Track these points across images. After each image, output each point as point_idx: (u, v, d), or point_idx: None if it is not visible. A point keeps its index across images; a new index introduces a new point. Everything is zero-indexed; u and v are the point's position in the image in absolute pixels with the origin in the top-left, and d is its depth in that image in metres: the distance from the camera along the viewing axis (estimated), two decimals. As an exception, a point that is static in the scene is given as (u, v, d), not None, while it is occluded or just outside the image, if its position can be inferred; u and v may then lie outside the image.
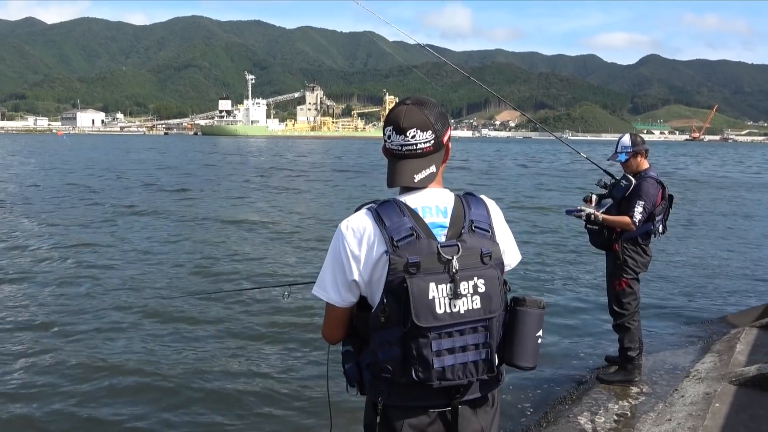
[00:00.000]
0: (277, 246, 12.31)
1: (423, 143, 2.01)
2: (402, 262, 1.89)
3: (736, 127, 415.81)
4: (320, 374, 5.84)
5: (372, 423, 2.06)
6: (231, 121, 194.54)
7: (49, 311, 7.71)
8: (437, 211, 2.01)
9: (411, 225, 1.94)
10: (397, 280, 1.89)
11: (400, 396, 1.99)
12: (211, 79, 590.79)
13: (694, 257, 11.83)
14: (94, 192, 21.82)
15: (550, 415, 4.92)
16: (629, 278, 5.29)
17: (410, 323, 1.87)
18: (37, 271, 9.79)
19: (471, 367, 1.96)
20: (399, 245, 1.90)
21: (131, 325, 7.23)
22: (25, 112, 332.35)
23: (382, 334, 1.95)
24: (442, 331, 1.90)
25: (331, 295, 2.04)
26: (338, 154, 62.96)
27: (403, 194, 2.06)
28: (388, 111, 2.08)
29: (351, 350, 2.13)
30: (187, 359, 6.24)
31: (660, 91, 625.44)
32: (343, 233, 2.00)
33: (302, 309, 7.83)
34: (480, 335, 1.96)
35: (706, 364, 5.70)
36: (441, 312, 1.89)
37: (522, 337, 2.05)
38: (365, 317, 2.01)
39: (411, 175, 2.02)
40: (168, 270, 9.95)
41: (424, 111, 2.02)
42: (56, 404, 5.24)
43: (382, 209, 1.98)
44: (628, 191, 5.15)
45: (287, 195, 22.84)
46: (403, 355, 1.92)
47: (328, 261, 2.05)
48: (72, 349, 6.43)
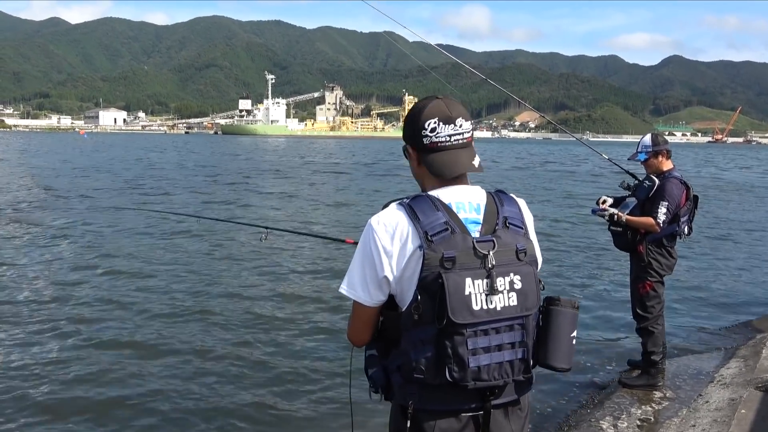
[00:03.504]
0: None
1: (467, 132, 2.01)
2: (437, 257, 1.85)
3: (761, 129, 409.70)
4: (333, 376, 5.83)
5: (401, 428, 1.99)
6: (251, 120, 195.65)
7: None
8: (470, 207, 1.98)
9: (445, 219, 1.90)
10: (432, 276, 1.85)
11: (432, 399, 1.93)
12: (231, 79, 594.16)
13: (719, 261, 11.67)
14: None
15: (571, 419, 4.86)
16: (653, 281, 5.21)
17: (446, 320, 1.82)
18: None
19: (507, 366, 1.92)
20: (433, 240, 1.86)
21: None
22: (49, 110, 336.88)
23: (415, 333, 1.89)
24: (478, 329, 1.87)
25: (359, 293, 1.98)
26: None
27: (434, 189, 2.01)
28: (417, 109, 2.03)
29: (375, 354, 2.07)
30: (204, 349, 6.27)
31: (682, 92, 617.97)
32: (375, 228, 1.94)
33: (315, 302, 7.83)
34: (516, 333, 1.93)
35: (731, 369, 5.61)
36: (477, 308, 1.85)
37: (557, 338, 2.02)
38: (395, 316, 1.96)
39: (469, 161, 2.01)
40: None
41: (459, 102, 2.04)
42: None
43: (415, 204, 1.94)
44: (652, 192, 5.07)
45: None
46: (437, 354, 1.87)
47: (357, 258, 1.99)
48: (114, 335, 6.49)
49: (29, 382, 5.57)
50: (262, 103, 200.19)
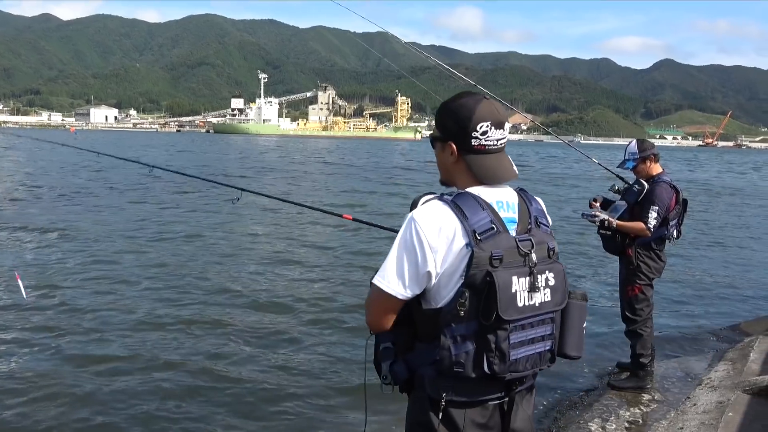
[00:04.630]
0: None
1: (506, 137, 2.10)
2: (486, 255, 1.89)
3: (750, 134, 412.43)
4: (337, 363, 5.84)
5: (426, 420, 2.01)
6: (243, 119, 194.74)
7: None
8: (508, 206, 2.03)
9: (491, 218, 1.94)
10: (480, 274, 1.88)
11: (465, 391, 1.97)
12: (223, 78, 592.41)
13: (707, 264, 11.74)
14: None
15: (560, 421, 4.88)
16: (642, 284, 5.24)
17: (495, 317, 1.87)
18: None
19: (537, 357, 2.01)
20: (481, 239, 1.90)
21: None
22: (39, 107, 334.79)
23: (456, 328, 1.92)
24: (519, 324, 1.93)
25: (394, 286, 1.98)
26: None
27: (473, 188, 2.03)
28: (466, 108, 2.02)
29: (391, 347, 2.07)
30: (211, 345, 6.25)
31: (673, 96, 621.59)
32: (419, 223, 1.94)
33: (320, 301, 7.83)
34: (548, 327, 2.02)
35: (719, 372, 5.64)
36: (521, 305, 1.92)
37: (572, 328, 2.11)
38: (434, 313, 1.97)
39: (512, 168, 2.08)
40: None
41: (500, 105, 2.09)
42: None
43: (461, 202, 1.96)
44: (641, 196, 5.11)
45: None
46: (478, 348, 1.91)
47: (396, 252, 1.98)
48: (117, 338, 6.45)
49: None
50: (255, 102, 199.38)
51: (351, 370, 5.93)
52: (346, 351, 6.51)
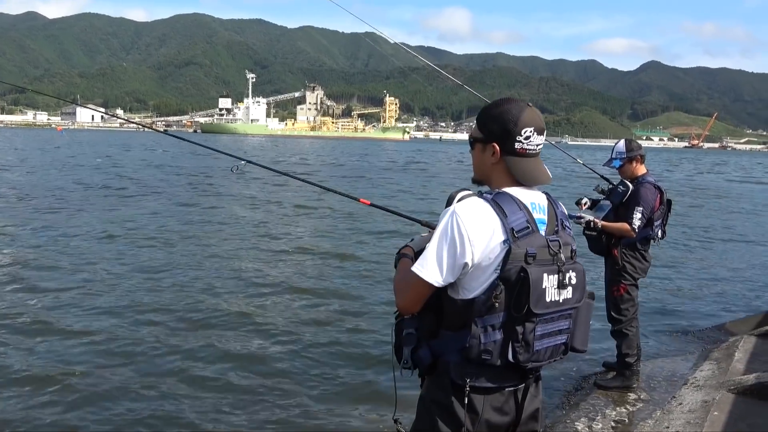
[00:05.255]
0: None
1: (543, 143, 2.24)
2: (522, 252, 2.02)
3: (735, 135, 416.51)
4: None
5: (447, 402, 2.15)
6: (231, 119, 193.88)
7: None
8: (539, 208, 2.17)
9: (527, 218, 2.09)
10: (515, 269, 2.02)
11: (488, 377, 2.11)
12: (211, 77, 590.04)
13: (692, 264, 11.81)
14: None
15: (547, 420, 4.88)
16: (627, 284, 5.28)
17: (526, 309, 2.01)
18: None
19: (555, 349, 2.17)
20: (518, 237, 2.04)
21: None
22: (24, 106, 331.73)
23: (488, 318, 2.05)
24: (544, 317, 2.08)
25: (431, 274, 2.09)
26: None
27: (510, 188, 2.17)
28: (512, 113, 2.15)
29: (414, 333, 2.20)
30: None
31: (660, 97, 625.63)
32: (462, 217, 2.06)
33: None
34: (567, 322, 2.18)
35: (705, 371, 5.68)
36: (549, 300, 2.06)
37: (581, 324, 2.29)
38: (466, 303, 2.09)
39: (547, 172, 2.23)
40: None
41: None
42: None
43: (501, 200, 2.09)
44: (626, 197, 5.14)
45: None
46: (505, 338, 2.06)
47: (437, 242, 2.10)
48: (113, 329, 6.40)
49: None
50: (243, 102, 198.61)
51: (356, 366, 6.02)
52: (349, 347, 6.53)
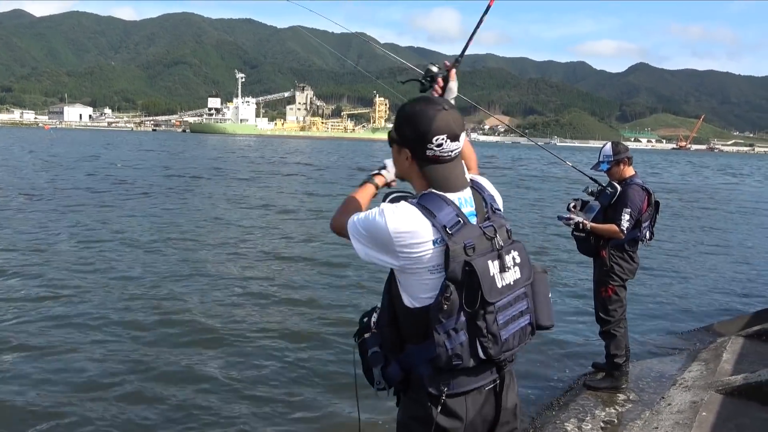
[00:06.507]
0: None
1: (461, 146, 2.13)
2: (460, 247, 1.97)
3: (723, 137, 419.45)
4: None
5: (424, 414, 2.06)
6: (220, 119, 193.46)
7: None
8: (466, 201, 2.11)
9: (456, 212, 2.02)
10: (459, 266, 1.96)
11: (463, 381, 2.05)
12: (200, 77, 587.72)
13: (680, 265, 11.87)
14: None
15: (537, 421, 4.89)
16: (616, 285, 5.29)
17: (479, 302, 1.95)
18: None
19: (521, 332, 2.10)
20: (452, 232, 1.98)
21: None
22: (11, 105, 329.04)
23: (447, 323, 1.97)
24: (501, 304, 2.02)
25: (356, 237, 2.08)
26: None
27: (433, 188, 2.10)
28: (424, 118, 2.04)
29: (379, 351, 2.14)
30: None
31: (648, 99, 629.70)
32: (389, 221, 1.98)
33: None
34: (524, 302, 2.13)
35: (693, 372, 5.70)
36: (500, 286, 2.02)
37: (541, 299, 2.22)
38: (419, 313, 2.02)
39: (463, 176, 2.15)
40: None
41: (459, 114, 2.10)
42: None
43: (427, 202, 2.03)
44: (614, 198, 5.16)
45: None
46: (471, 337, 1.99)
47: (364, 233, 2.05)
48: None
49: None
50: (232, 102, 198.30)
51: (344, 370, 5.97)
52: (337, 352, 6.51)
